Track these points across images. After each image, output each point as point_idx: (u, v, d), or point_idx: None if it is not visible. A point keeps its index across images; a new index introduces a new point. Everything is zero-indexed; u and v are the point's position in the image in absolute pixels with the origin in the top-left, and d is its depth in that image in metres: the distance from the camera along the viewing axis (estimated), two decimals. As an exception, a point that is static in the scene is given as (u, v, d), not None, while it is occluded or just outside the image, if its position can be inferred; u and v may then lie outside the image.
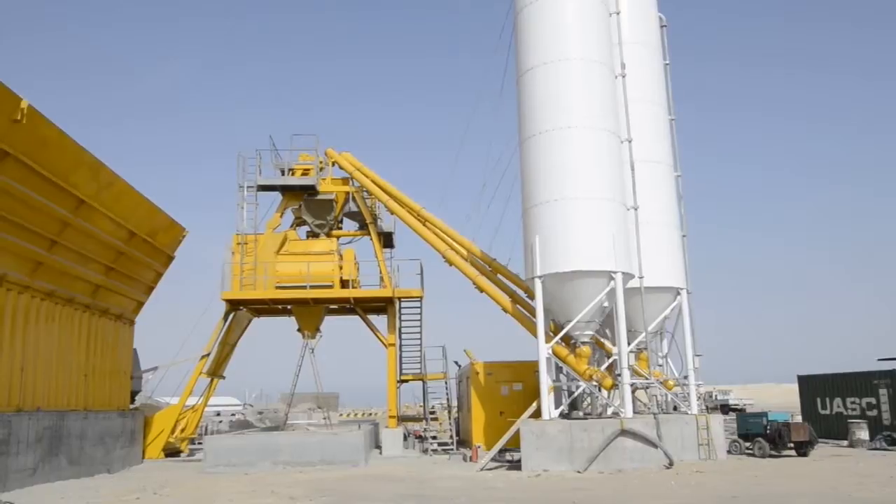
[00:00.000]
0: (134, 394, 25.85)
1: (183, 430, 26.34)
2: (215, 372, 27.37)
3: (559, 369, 20.67)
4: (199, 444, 26.12)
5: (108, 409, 21.51)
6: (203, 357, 26.42)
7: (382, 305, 27.23)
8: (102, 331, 21.52)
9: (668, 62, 24.10)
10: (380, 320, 27.85)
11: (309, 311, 27.08)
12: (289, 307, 27.55)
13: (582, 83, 19.81)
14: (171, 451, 25.83)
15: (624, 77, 21.31)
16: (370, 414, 54.45)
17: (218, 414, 43.32)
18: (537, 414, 19.11)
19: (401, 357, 26.77)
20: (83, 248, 19.36)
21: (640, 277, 20.12)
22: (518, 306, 22.66)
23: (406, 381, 26.93)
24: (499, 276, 24.69)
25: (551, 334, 20.06)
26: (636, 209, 20.51)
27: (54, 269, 18.29)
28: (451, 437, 25.53)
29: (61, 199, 17.61)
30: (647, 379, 20.79)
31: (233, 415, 45.99)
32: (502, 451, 19.72)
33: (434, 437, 25.60)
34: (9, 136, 15.06)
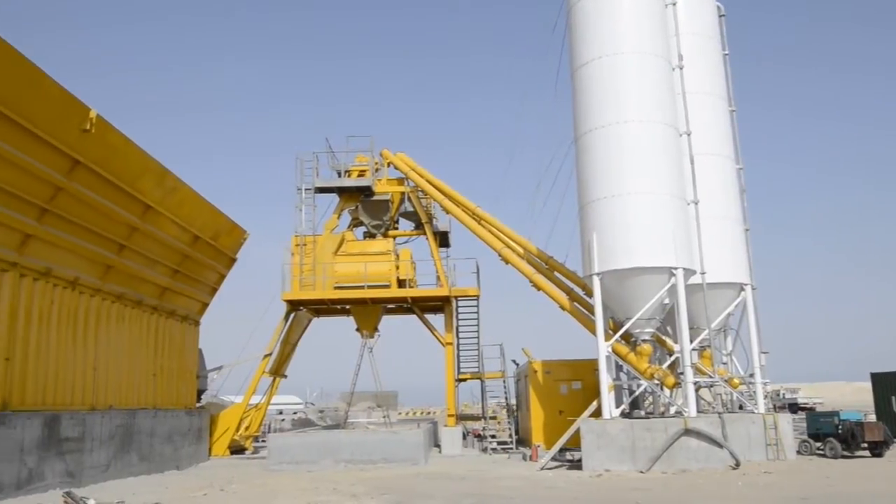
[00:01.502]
0: (200, 393, 26.56)
1: (247, 428, 26.95)
2: (277, 371, 27.92)
3: (619, 367, 20.36)
4: (263, 441, 26.71)
5: (176, 408, 22.17)
6: (265, 356, 26.99)
7: (439, 304, 27.31)
8: (170, 331, 22.19)
9: (727, 52, 23.47)
10: (437, 319, 27.99)
11: (367, 311, 27.38)
12: (347, 307, 27.90)
13: (638, 76, 19.44)
14: (237, 449, 26.45)
15: (681, 69, 20.83)
16: (429, 413, 54.67)
17: (280, 412, 44.21)
18: (597, 413, 18.86)
19: (458, 356, 26.81)
20: (150, 251, 19.99)
21: (703, 273, 19.65)
22: (576, 304, 22.42)
23: (464, 379, 26.95)
24: (556, 273, 24.47)
25: (610, 332, 19.76)
26: (696, 203, 20.02)
27: (123, 272, 18.94)
28: (511, 435, 25.43)
29: (129, 204, 18.22)
30: (710, 377, 20.30)
31: (295, 413, 46.86)
32: (562, 450, 19.53)
33: (493, 436, 25.54)
34: (79, 146, 15.66)
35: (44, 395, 15.62)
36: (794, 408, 52.87)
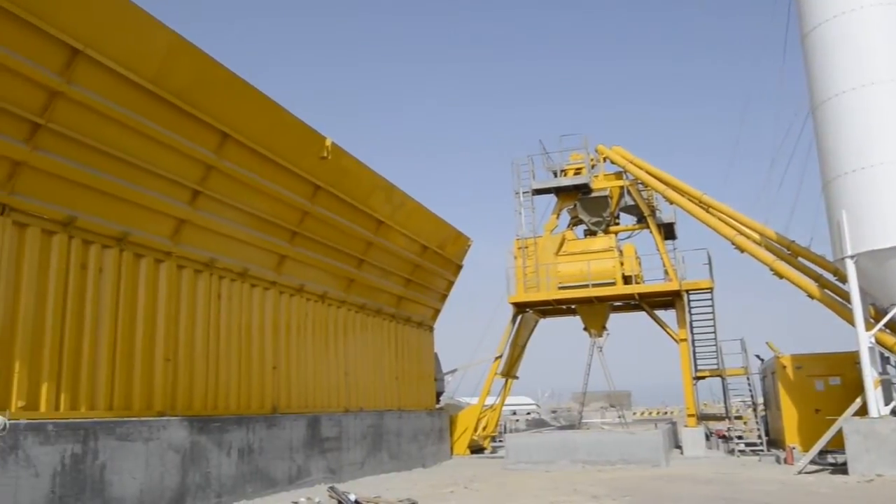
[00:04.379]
0: (438, 394, 27.91)
1: (485, 429, 27.81)
2: (509, 373, 28.50)
3: (885, 360, 18.09)
4: (500, 441, 27.39)
5: (418, 409, 23.49)
6: (496, 359, 27.69)
7: (669, 300, 26.16)
8: (407, 337, 23.62)
9: None
10: (668, 315, 26.83)
11: (593, 310, 27.01)
12: (573, 307, 27.75)
13: (885, 31, 17.18)
14: (476, 448, 27.40)
15: (940, 14, 18.05)
16: (665, 412, 52.53)
17: (514, 413, 44.97)
18: (862, 411, 16.89)
19: (694, 352, 25.52)
20: (385, 263, 21.43)
21: None
22: (826, 291, 20.32)
23: (702, 377, 25.57)
24: (799, 259, 22.39)
25: (872, 321, 17.62)
26: (972, 167, 17.20)
27: (363, 284, 20.50)
28: (760, 436, 23.63)
29: (364, 221, 19.68)
30: None
31: (528, 413, 47.43)
32: (822, 452, 17.75)
33: (740, 437, 23.90)
34: (318, 172, 17.20)
35: (305, 399, 17.36)
36: None
